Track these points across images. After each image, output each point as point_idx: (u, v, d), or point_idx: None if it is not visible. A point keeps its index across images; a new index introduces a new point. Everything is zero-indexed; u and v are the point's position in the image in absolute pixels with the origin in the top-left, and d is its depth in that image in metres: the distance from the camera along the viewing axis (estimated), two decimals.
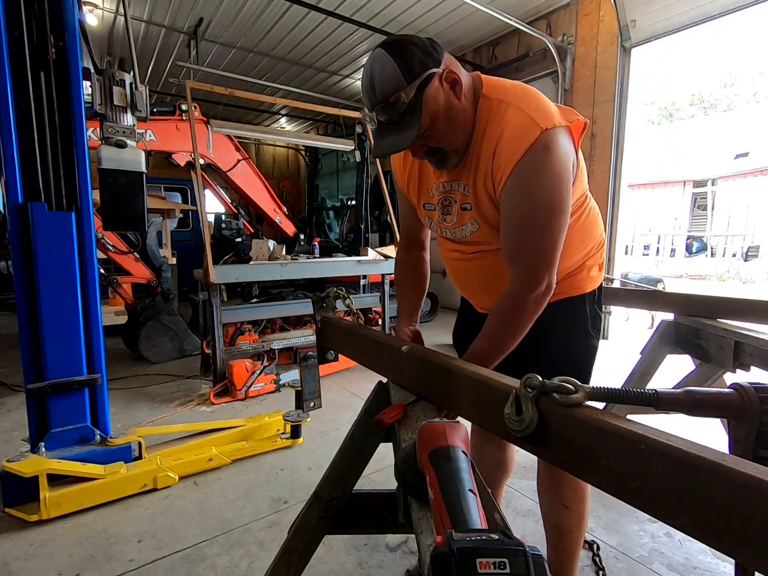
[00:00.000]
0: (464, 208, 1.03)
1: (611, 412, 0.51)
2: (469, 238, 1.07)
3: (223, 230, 5.75)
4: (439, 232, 1.16)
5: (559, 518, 1.23)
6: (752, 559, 0.37)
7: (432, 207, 1.12)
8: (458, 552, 0.34)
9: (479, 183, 0.97)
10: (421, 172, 1.13)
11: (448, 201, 1.06)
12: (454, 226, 1.08)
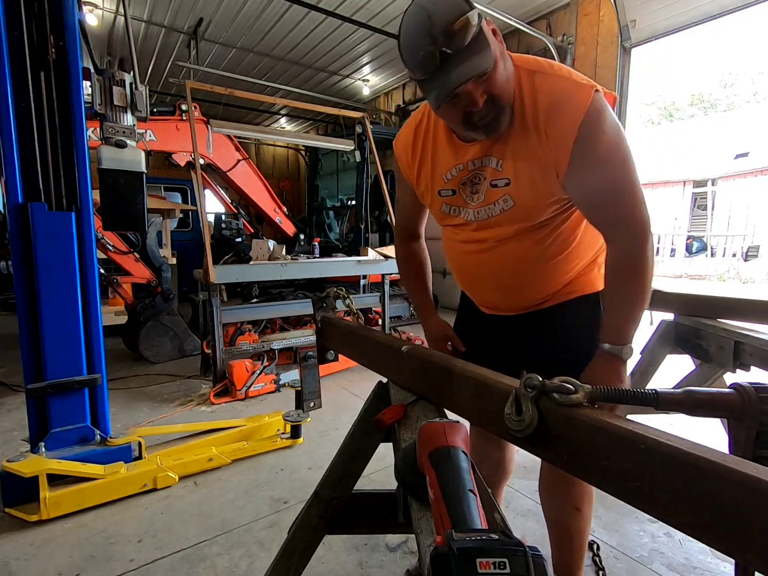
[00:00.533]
0: (495, 185, 0.98)
1: (611, 412, 0.51)
2: (495, 217, 1.01)
3: (223, 230, 5.75)
4: (459, 216, 1.08)
5: (571, 521, 1.21)
6: (752, 559, 0.37)
7: (449, 192, 1.06)
8: (458, 552, 0.34)
9: (521, 156, 0.92)
10: (435, 156, 1.06)
11: (478, 179, 1.00)
12: (480, 204, 1.02)
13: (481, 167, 0.99)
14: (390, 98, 8.00)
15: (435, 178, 1.08)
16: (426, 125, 1.07)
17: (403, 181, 1.18)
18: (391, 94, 7.95)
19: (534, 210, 0.97)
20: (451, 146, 1.03)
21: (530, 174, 0.93)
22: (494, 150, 0.96)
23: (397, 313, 5.56)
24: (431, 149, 1.06)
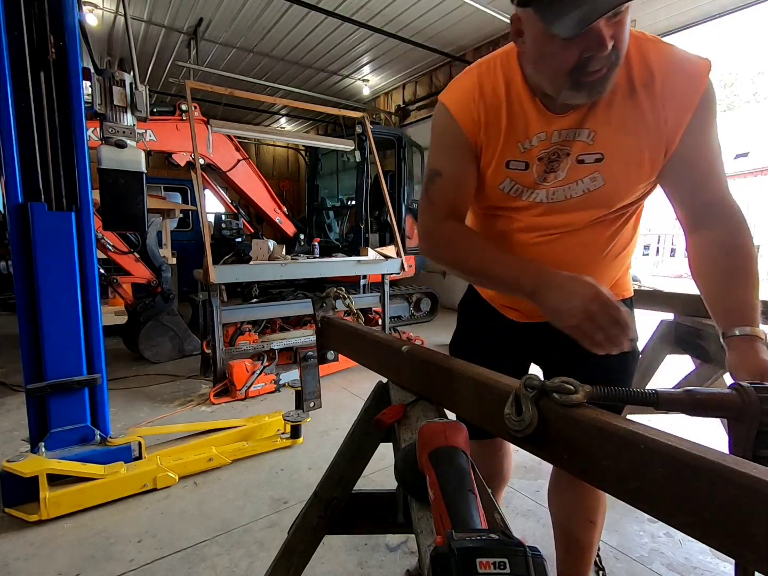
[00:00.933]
0: (582, 160, 0.85)
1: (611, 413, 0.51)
2: (575, 199, 0.88)
3: (223, 230, 5.75)
4: (521, 198, 0.91)
5: (583, 533, 1.18)
6: (752, 559, 0.37)
7: (521, 165, 0.88)
8: (458, 552, 0.34)
9: (624, 127, 0.81)
10: (511, 118, 0.86)
11: (557, 155, 0.86)
12: (559, 183, 0.88)
13: (566, 141, 0.85)
14: (390, 98, 8.00)
15: (508, 145, 0.88)
16: (495, 79, 0.87)
17: (454, 147, 0.92)
18: (391, 94, 7.95)
19: (623, 192, 0.87)
20: (534, 109, 0.85)
21: (633, 148, 0.82)
22: (587, 121, 0.83)
23: (397, 313, 5.56)
24: (506, 109, 0.86)
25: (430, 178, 0.94)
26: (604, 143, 0.83)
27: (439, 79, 6.98)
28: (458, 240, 0.92)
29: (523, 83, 0.85)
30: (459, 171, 0.93)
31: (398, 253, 3.94)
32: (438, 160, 0.95)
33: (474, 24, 5.50)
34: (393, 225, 3.97)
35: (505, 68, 0.87)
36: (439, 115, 0.93)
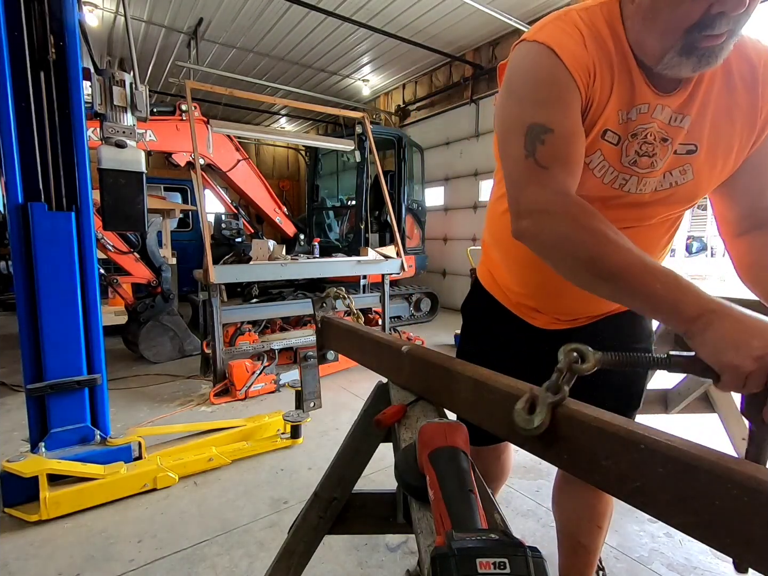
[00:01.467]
0: (675, 150, 0.77)
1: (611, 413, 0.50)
2: (660, 192, 0.80)
3: (223, 230, 5.75)
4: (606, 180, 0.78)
5: (590, 539, 1.17)
6: (752, 559, 0.37)
7: (615, 139, 0.75)
8: (458, 552, 0.34)
9: (721, 117, 0.75)
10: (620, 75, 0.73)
11: (654, 136, 0.75)
12: (653, 174, 0.77)
13: (664, 123, 0.75)
14: (390, 98, 8.00)
15: (612, 108, 0.74)
16: (600, 27, 0.73)
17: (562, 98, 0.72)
18: (391, 94, 7.96)
19: (706, 188, 0.81)
20: (640, 74, 0.73)
21: (726, 141, 0.75)
22: (688, 106, 0.74)
23: (397, 313, 5.56)
24: (617, 64, 0.72)
25: (536, 136, 0.71)
26: (699, 133, 0.75)
27: (439, 79, 6.98)
28: (595, 227, 0.64)
29: (627, 41, 0.72)
30: (575, 127, 0.72)
31: (398, 253, 3.94)
32: (541, 113, 0.72)
33: (474, 24, 5.51)
34: (393, 225, 3.97)
35: (607, 18, 0.73)
36: (534, 59, 0.73)
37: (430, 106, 7.19)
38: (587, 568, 1.21)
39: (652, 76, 0.73)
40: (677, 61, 0.65)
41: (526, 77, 0.74)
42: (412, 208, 6.04)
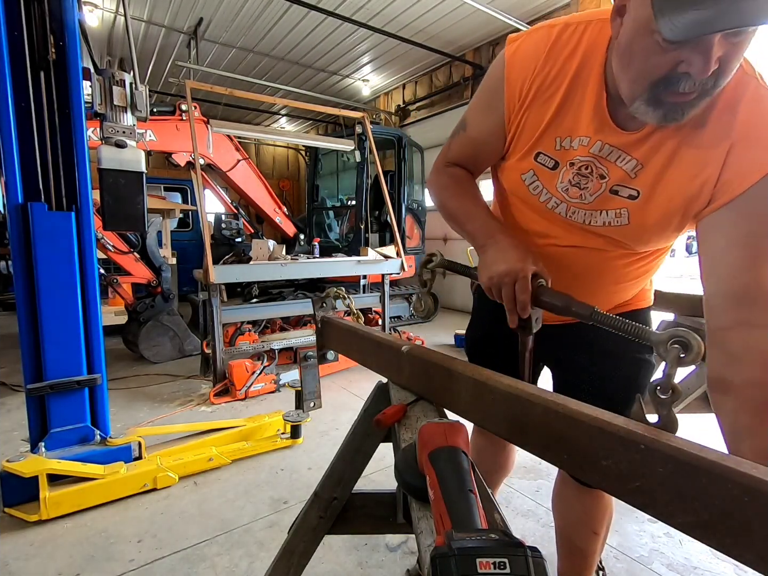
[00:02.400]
0: (615, 191, 0.76)
1: (611, 413, 0.50)
2: (591, 227, 0.80)
3: (223, 230, 5.75)
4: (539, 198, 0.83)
5: (586, 543, 1.17)
6: (752, 559, 0.37)
7: (550, 163, 0.79)
8: (458, 552, 0.34)
9: (676, 168, 0.71)
10: (561, 107, 0.75)
11: (589, 170, 0.76)
12: (581, 205, 0.79)
13: (607, 161, 0.75)
14: (390, 98, 8.00)
15: (545, 135, 0.78)
16: (575, 48, 0.74)
17: (491, 107, 0.83)
18: (391, 94, 7.95)
19: (647, 238, 0.79)
20: (593, 105, 0.73)
21: (675, 192, 0.72)
22: (640, 149, 0.72)
23: (397, 313, 5.56)
24: (565, 90, 0.74)
25: (458, 127, 0.92)
26: (646, 180, 0.73)
27: (439, 79, 6.98)
28: (453, 183, 0.93)
29: (601, 70, 0.72)
30: (482, 136, 0.87)
31: (398, 253, 3.94)
32: (472, 112, 0.89)
33: (474, 24, 5.50)
34: (393, 225, 3.97)
35: (592, 38, 0.73)
36: (496, 65, 0.82)
37: (430, 106, 7.19)
38: (585, 571, 1.21)
39: (618, 109, 0.72)
40: (644, 110, 0.65)
41: (485, 80, 0.87)
42: (412, 208, 6.04)
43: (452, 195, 0.92)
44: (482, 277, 0.78)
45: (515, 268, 0.71)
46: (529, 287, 0.71)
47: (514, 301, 0.73)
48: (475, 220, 0.86)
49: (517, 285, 0.71)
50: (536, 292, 0.72)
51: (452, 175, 0.94)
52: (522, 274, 0.71)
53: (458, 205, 0.90)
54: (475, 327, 1.23)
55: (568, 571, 1.23)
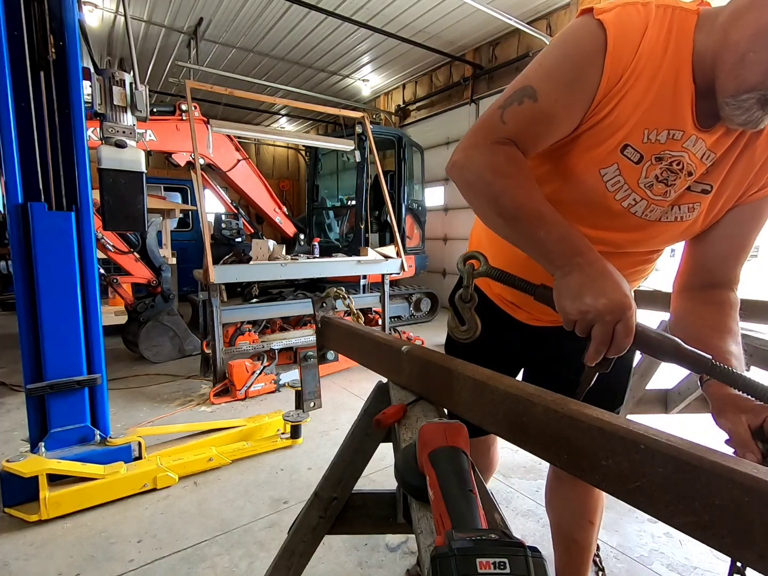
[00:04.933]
0: (693, 188, 0.76)
1: (611, 413, 0.51)
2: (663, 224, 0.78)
3: (223, 230, 5.75)
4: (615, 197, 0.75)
5: (583, 534, 1.18)
6: (752, 559, 0.37)
7: (636, 156, 0.71)
8: (458, 552, 0.34)
9: (741, 162, 0.73)
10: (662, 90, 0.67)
11: (681, 165, 0.71)
12: (662, 202, 0.75)
13: (695, 156, 0.72)
14: (390, 98, 8.00)
15: (638, 123, 0.68)
16: (666, 36, 0.66)
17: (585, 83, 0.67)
18: (391, 94, 7.96)
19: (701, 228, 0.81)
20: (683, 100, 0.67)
21: (734, 187, 0.75)
22: (719, 146, 0.71)
23: (397, 313, 5.56)
24: (660, 79, 0.66)
25: (519, 95, 0.70)
26: (717, 175, 0.74)
27: (439, 79, 6.98)
28: (515, 170, 0.68)
29: (690, 59, 0.65)
30: (559, 111, 0.69)
31: (398, 253, 3.94)
32: (545, 80, 0.70)
33: (474, 24, 5.51)
34: (393, 225, 3.97)
35: (680, 25, 0.66)
36: (587, 33, 0.67)
37: (430, 106, 7.19)
38: (582, 566, 1.22)
39: (700, 105, 0.67)
40: (742, 112, 0.60)
41: (564, 47, 0.70)
42: (412, 208, 6.04)
43: (515, 185, 0.67)
44: (568, 308, 0.61)
45: (620, 306, 0.58)
46: (633, 329, 0.59)
47: (608, 342, 0.60)
48: (553, 228, 0.65)
49: (620, 325, 0.58)
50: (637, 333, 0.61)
51: (512, 157, 0.69)
52: (629, 313, 0.58)
53: (526, 202, 0.67)
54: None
55: (566, 566, 1.24)
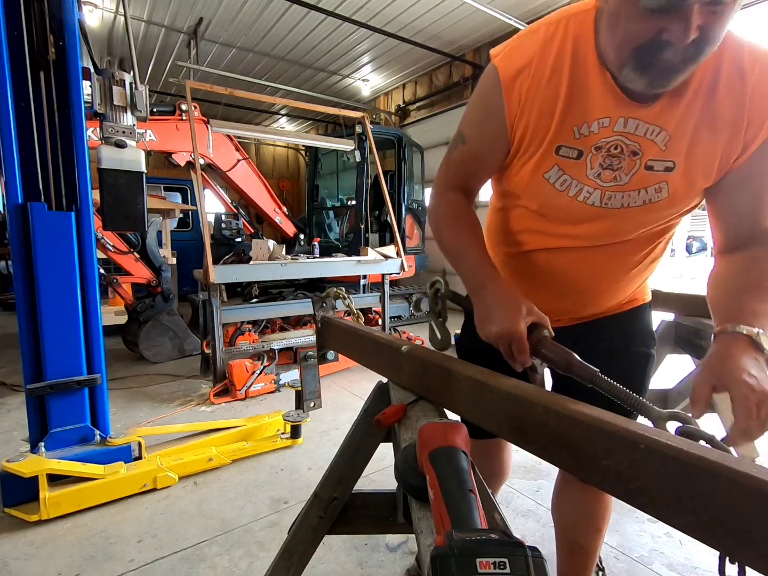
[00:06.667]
0: (650, 167, 0.75)
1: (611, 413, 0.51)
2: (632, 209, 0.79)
3: (223, 230, 5.75)
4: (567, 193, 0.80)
5: (589, 540, 1.17)
6: (752, 559, 0.37)
7: (573, 153, 0.77)
8: (458, 552, 0.34)
9: (703, 133, 0.72)
10: (571, 96, 0.74)
11: (619, 149, 0.75)
12: (618, 188, 0.78)
13: (635, 136, 0.74)
14: (390, 98, 8.00)
15: (562, 126, 0.76)
16: (563, 43, 0.74)
17: (489, 117, 0.81)
18: (391, 94, 7.96)
19: (682, 204, 0.80)
20: (602, 85, 0.73)
21: (706, 157, 0.73)
22: (668, 121, 0.73)
23: (397, 313, 5.56)
24: (567, 82, 0.74)
25: (455, 142, 0.90)
26: (678, 150, 0.74)
27: (439, 79, 6.98)
28: (451, 214, 0.89)
29: (595, 53, 0.73)
30: (484, 147, 0.85)
31: (398, 253, 3.94)
32: (468, 124, 0.87)
33: (474, 24, 5.51)
34: (393, 225, 3.97)
35: (576, 29, 0.74)
36: (487, 76, 0.82)
37: (430, 106, 7.19)
38: (585, 570, 1.20)
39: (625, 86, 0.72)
40: (632, 76, 0.67)
41: (477, 93, 0.86)
42: (412, 208, 6.04)
43: (448, 228, 0.88)
44: (479, 332, 0.76)
45: (509, 333, 0.69)
46: (525, 347, 0.68)
47: (511, 358, 0.71)
48: (467, 261, 0.83)
49: (514, 346, 0.69)
50: (536, 346, 0.68)
51: (450, 202, 0.90)
52: (516, 336, 0.68)
53: (453, 242, 0.87)
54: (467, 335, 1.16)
55: (569, 571, 1.22)
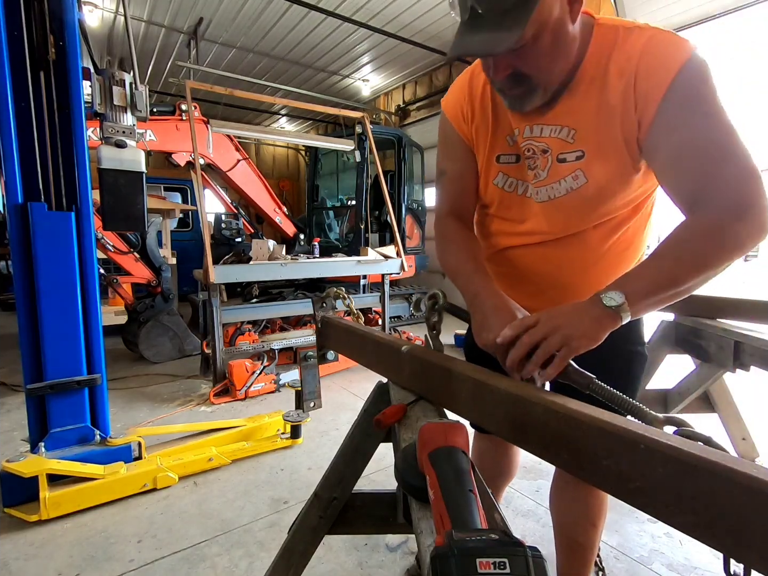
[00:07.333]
0: (563, 159, 0.85)
1: (611, 413, 0.51)
2: (559, 199, 0.88)
3: (223, 230, 5.75)
4: (516, 192, 0.94)
5: (586, 537, 1.18)
6: (752, 559, 0.37)
7: (512, 159, 0.92)
8: (458, 552, 0.34)
9: (601, 120, 0.79)
10: (496, 114, 0.91)
11: (531, 151, 0.88)
12: (541, 183, 0.89)
13: (540, 138, 0.86)
14: (390, 98, 8.00)
15: (496, 138, 0.92)
16: (485, 80, 0.92)
17: (452, 145, 0.99)
18: (391, 94, 7.95)
19: (611, 188, 0.84)
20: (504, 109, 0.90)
21: (610, 140, 0.80)
22: (562, 117, 0.83)
23: (397, 313, 5.56)
24: (491, 104, 0.91)
25: (438, 178, 1.05)
26: (585, 140, 0.83)
27: (439, 79, 6.98)
28: (449, 239, 0.99)
29: None
30: (460, 167, 0.99)
31: (398, 253, 3.94)
32: (443, 159, 1.03)
33: None
34: (393, 225, 3.97)
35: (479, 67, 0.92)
36: (440, 121, 1.03)
37: (430, 106, 7.19)
38: (584, 567, 1.21)
39: None
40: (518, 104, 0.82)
41: (439, 136, 1.04)
42: (412, 208, 6.04)
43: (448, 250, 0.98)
44: (477, 341, 0.82)
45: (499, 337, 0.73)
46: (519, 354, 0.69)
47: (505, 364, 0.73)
48: (462, 274, 0.91)
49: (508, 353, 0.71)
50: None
51: (447, 226, 1.00)
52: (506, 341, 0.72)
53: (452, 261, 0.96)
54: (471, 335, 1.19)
55: (568, 569, 1.23)
